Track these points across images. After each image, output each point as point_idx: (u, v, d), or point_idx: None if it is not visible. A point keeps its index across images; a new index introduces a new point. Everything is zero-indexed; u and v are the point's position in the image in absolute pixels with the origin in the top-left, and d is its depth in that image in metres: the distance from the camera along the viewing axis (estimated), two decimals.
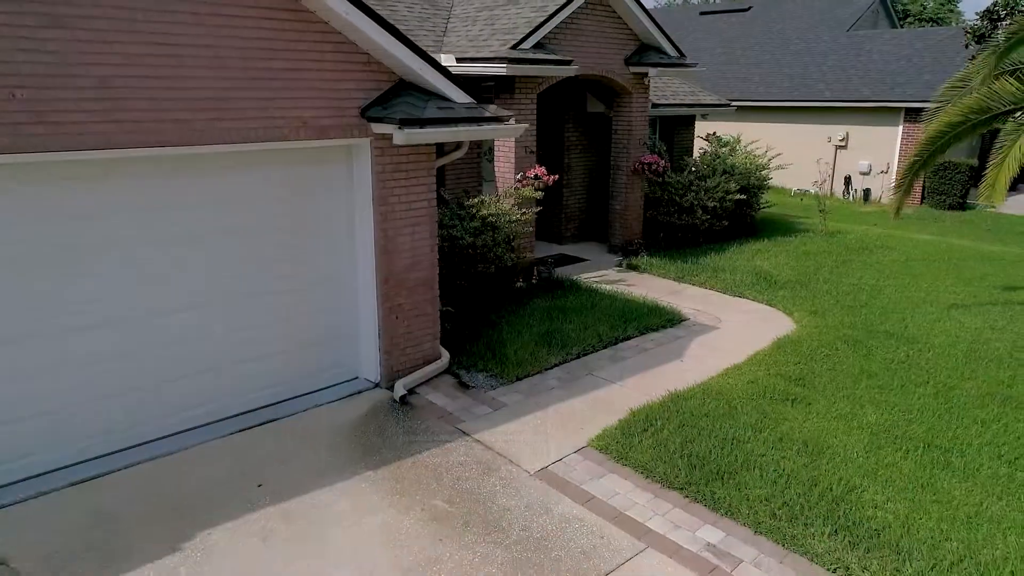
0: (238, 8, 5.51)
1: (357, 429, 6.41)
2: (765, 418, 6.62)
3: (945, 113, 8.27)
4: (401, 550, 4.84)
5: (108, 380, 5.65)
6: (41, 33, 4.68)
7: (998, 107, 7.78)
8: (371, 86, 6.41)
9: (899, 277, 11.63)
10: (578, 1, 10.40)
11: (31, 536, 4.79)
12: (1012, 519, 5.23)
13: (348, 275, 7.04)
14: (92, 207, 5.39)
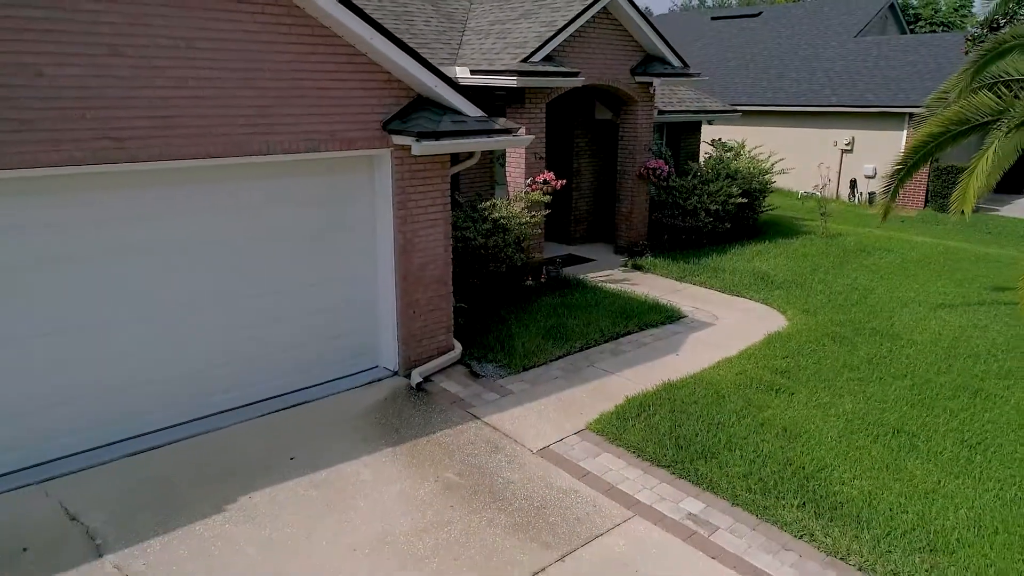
0: (273, 35, 6.20)
1: (377, 412, 7.09)
2: (749, 405, 7.23)
3: (927, 124, 8.81)
4: (417, 513, 5.51)
5: (160, 365, 6.37)
6: (106, 61, 5.39)
7: (976, 119, 8.30)
8: (391, 101, 7.09)
9: (893, 278, 12.15)
10: (586, 16, 11.03)
11: (97, 497, 5.51)
12: (965, 495, 5.81)
13: (370, 273, 7.73)
14: (148, 210, 6.10)
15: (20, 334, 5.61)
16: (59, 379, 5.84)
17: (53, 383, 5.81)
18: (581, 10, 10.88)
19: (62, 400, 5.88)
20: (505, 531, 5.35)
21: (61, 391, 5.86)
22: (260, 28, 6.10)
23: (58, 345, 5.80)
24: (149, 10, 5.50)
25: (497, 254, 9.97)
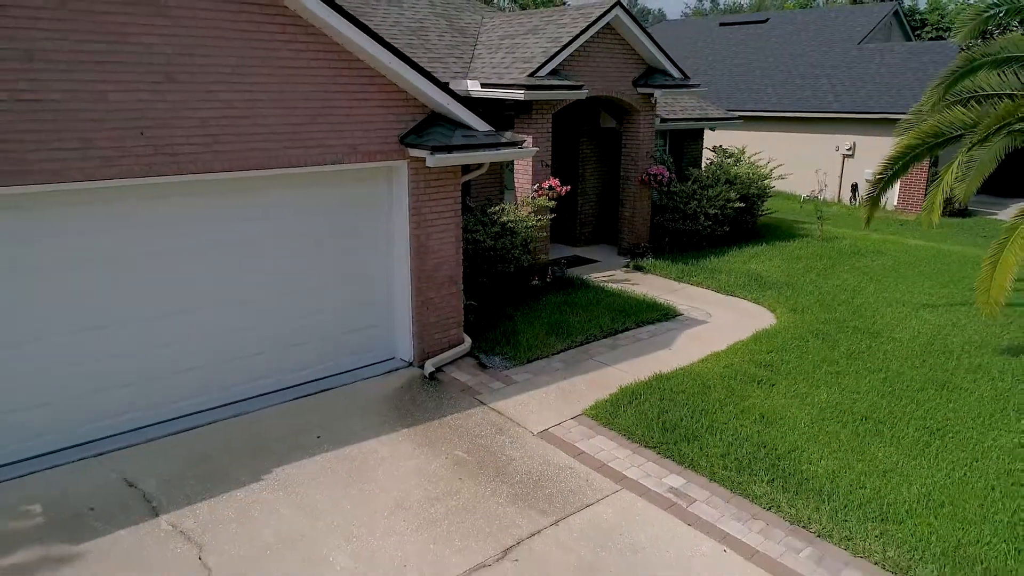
0: (305, 61, 6.96)
1: (394, 397, 7.85)
2: (732, 395, 7.93)
3: (906, 136, 9.44)
4: (430, 484, 6.26)
5: (200, 354, 7.15)
6: (161, 87, 6.17)
7: (949, 132, 8.92)
8: (408, 118, 7.85)
9: (882, 280, 12.77)
10: (590, 32, 11.74)
11: (148, 468, 6.30)
12: (919, 474, 6.48)
13: (387, 273, 8.49)
14: (192, 217, 6.88)
15: (78, 327, 6.41)
16: (114, 366, 6.64)
17: (109, 369, 6.61)
18: (585, 27, 11.59)
19: (116, 384, 6.68)
20: (507, 500, 6.09)
21: (116, 376, 6.66)
22: (293, 55, 6.87)
23: (112, 337, 6.59)
24: (198, 42, 6.27)
25: (505, 255, 10.70)
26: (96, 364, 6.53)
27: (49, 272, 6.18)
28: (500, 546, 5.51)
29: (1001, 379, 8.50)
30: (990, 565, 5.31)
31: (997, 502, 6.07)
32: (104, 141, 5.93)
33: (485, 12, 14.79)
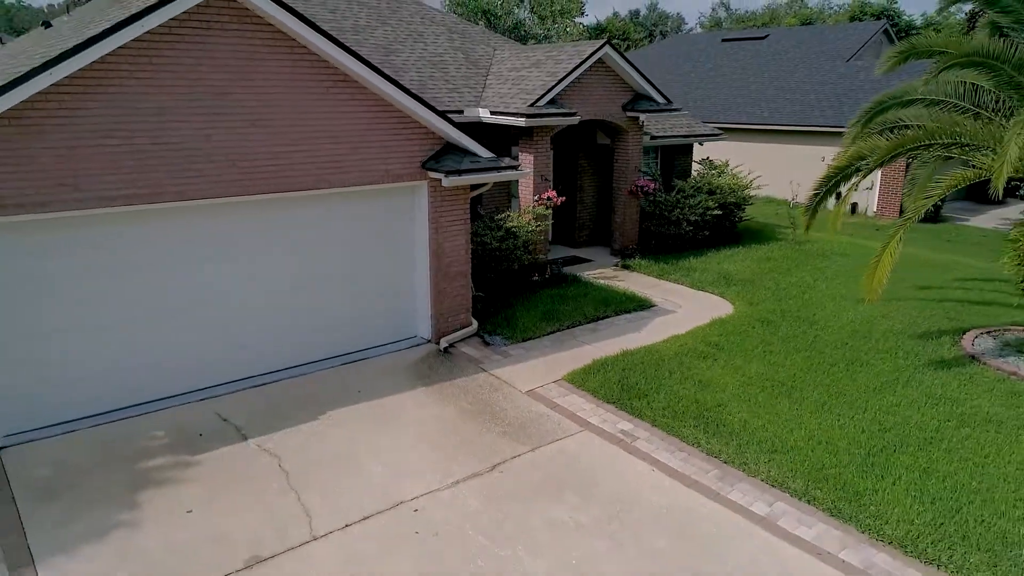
0: (349, 107, 9.20)
1: (416, 365, 10.08)
2: (680, 366, 10.04)
3: (835, 159, 11.42)
4: (442, 425, 8.47)
5: (268, 328, 9.42)
6: (247, 130, 8.44)
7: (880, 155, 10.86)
8: (428, 147, 10.06)
9: (836, 279, 14.75)
10: (583, 67, 13.87)
11: (236, 409, 8.58)
12: (810, 423, 8.56)
13: (411, 269, 10.71)
14: (263, 226, 9.15)
15: (188, 305, 8.71)
16: (209, 335, 8.93)
17: (206, 338, 8.90)
18: (578, 63, 13.73)
19: (210, 349, 8.97)
20: (498, 435, 8.28)
21: (209, 343, 8.95)
22: (341, 103, 9.11)
23: (211, 314, 8.88)
24: (272, 97, 8.54)
25: (508, 255, 12.87)
26: (197, 334, 8.83)
27: (179, 263, 8.49)
28: (490, 463, 7.71)
29: (903, 358, 10.53)
30: (839, 481, 7.40)
31: (861, 443, 8.14)
32: (210, 170, 8.22)
33: (497, 44, 16.95)
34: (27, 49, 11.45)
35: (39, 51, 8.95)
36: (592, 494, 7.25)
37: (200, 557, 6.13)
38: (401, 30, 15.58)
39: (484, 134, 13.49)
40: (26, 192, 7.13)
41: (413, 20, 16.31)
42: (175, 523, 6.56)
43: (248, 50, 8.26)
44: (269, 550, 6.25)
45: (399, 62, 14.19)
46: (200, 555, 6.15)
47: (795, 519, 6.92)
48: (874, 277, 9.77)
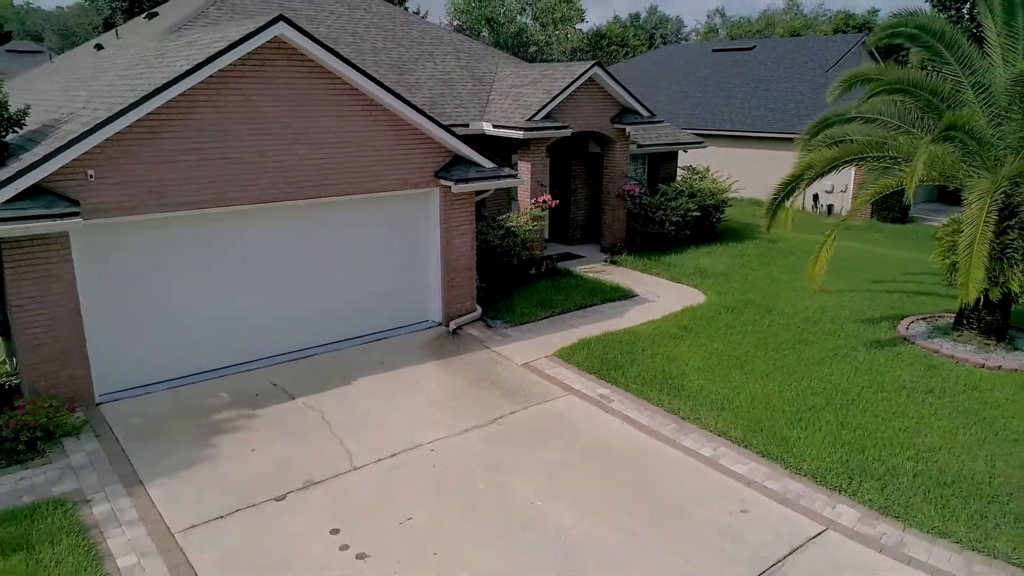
0: (374, 126, 11.04)
1: (428, 343, 11.93)
2: (652, 345, 11.88)
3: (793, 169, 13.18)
4: (450, 390, 10.32)
5: (308, 312, 11.27)
6: (293, 147, 10.30)
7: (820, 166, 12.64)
8: (440, 159, 11.89)
9: (799, 273, 16.48)
10: (575, 85, 15.69)
11: (283, 376, 10.44)
12: (754, 389, 10.37)
13: (424, 263, 12.54)
14: (305, 226, 11.00)
15: (244, 291, 10.56)
16: (259, 318, 10.78)
17: (259, 321, 10.75)
18: (570, 81, 15.55)
19: (259, 329, 10.82)
20: (498, 398, 10.12)
21: (257, 324, 10.80)
22: (368, 123, 10.96)
23: (258, 298, 10.74)
24: (312, 120, 10.39)
25: (508, 251, 14.70)
26: (250, 315, 10.68)
27: (237, 257, 10.35)
28: (490, 418, 9.56)
29: (844, 339, 12.35)
30: (771, 431, 9.21)
31: (794, 403, 9.95)
32: (264, 180, 10.08)
33: (498, 61, 18.77)
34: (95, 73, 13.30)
35: (116, 80, 10.81)
36: (573, 441, 9.08)
37: (267, 480, 7.98)
38: (413, 50, 17.42)
39: (487, 144, 15.37)
40: (123, 199, 8.99)
41: (424, 40, 18.15)
42: (244, 458, 8.42)
43: (294, 82, 10.10)
44: (320, 476, 8.10)
45: (412, 80, 16.03)
46: (266, 479, 8.00)
47: (733, 459, 8.75)
48: (814, 268, 11.57)
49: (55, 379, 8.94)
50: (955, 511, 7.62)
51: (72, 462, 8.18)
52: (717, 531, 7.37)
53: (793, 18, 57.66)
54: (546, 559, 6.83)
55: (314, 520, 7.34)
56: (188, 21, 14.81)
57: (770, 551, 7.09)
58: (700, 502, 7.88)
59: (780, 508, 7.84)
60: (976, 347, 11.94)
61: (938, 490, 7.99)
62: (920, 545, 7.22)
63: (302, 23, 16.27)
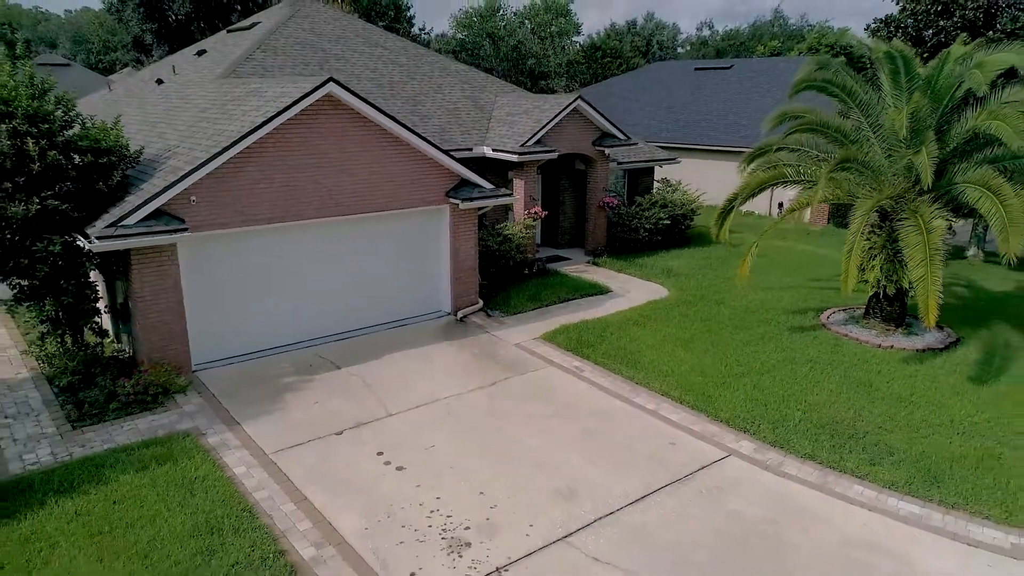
0: (400, 158, 14.07)
1: (440, 329, 14.99)
2: (619, 329, 14.92)
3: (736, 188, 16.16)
4: (459, 362, 13.38)
5: (346, 305, 14.31)
6: (338, 176, 13.34)
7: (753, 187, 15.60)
8: (449, 182, 14.93)
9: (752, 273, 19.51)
10: (561, 115, 18.72)
11: (330, 352, 13.49)
12: (694, 361, 13.40)
13: (437, 264, 15.58)
14: (337, 236, 14.05)
15: (301, 285, 13.61)
16: (307, 309, 13.83)
17: (306, 310, 13.81)
18: (557, 112, 18.59)
19: (308, 318, 13.87)
20: (496, 368, 13.16)
21: (307, 313, 13.85)
22: (395, 155, 14.00)
23: (307, 297, 13.79)
24: (352, 155, 13.43)
25: (505, 255, 17.72)
26: (305, 304, 13.74)
27: (298, 259, 13.40)
28: (490, 381, 12.61)
29: (774, 326, 15.37)
30: (701, 391, 12.24)
31: (722, 372, 12.98)
32: (316, 201, 13.13)
33: (497, 90, 21.78)
34: (170, 110, 16.34)
35: (196, 121, 13.85)
36: (552, 399, 12.13)
37: (327, 422, 11.03)
38: (425, 83, 20.45)
39: (488, 164, 18.42)
40: (215, 217, 12.04)
41: (433, 74, 21.17)
42: (308, 408, 11.47)
43: (339, 125, 13.15)
44: (365, 420, 11.15)
45: (424, 110, 19.07)
46: (327, 421, 11.05)
47: (670, 410, 11.79)
48: (741, 269, 14.61)
49: (165, 352, 11.99)
50: (823, 444, 10.66)
51: (185, 410, 11.25)
52: (651, 457, 10.41)
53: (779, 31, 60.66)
54: (526, 472, 9.88)
55: (364, 447, 10.39)
56: (239, 63, 17.87)
57: (685, 468, 10.13)
58: (642, 440, 10.92)
59: (698, 442, 10.89)
60: (878, 332, 14.98)
61: (814, 431, 11.03)
62: (794, 465, 10.26)
63: (332, 62, 19.38)
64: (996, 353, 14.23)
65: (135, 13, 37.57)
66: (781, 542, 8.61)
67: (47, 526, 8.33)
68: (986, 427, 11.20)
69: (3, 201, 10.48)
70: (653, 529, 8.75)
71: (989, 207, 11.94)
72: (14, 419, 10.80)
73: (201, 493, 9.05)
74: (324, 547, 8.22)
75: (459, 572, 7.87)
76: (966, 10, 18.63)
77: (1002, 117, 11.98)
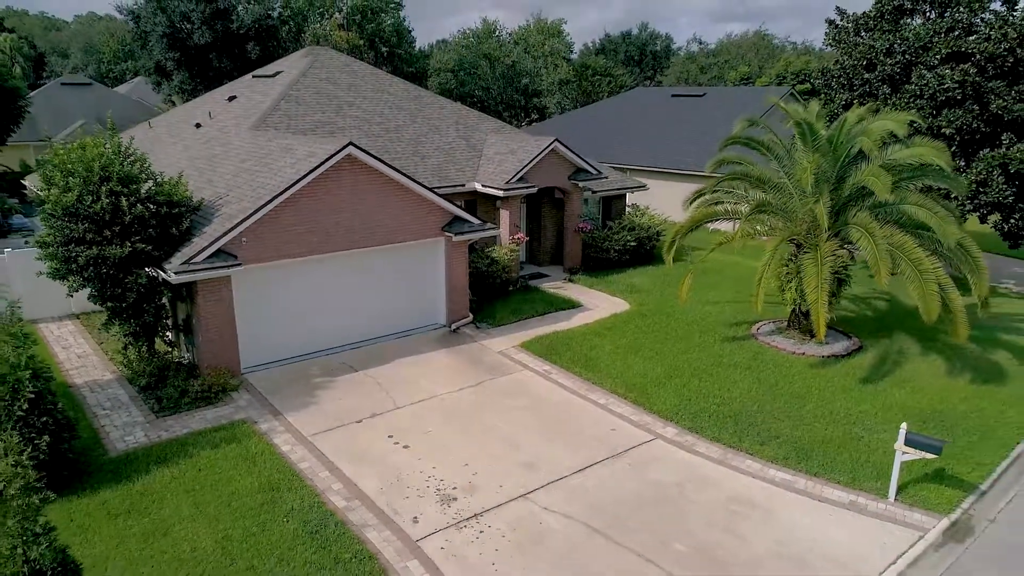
0: (403, 200, 17.40)
1: (438, 338, 18.34)
2: (583, 339, 18.25)
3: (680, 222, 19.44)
4: (453, 366, 16.72)
5: (360, 319, 17.64)
6: (355, 216, 16.67)
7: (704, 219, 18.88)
8: (443, 219, 18.26)
9: (704, 288, 22.87)
10: (540, 156, 22.03)
11: (349, 358, 16.83)
12: (641, 366, 16.73)
13: (434, 285, 18.90)
14: (351, 266, 17.38)
15: (326, 303, 16.95)
16: (329, 323, 17.17)
17: (330, 324, 17.15)
18: (536, 154, 21.92)
19: (331, 330, 17.21)
20: (482, 371, 16.50)
21: (330, 326, 17.19)
22: (399, 199, 17.33)
23: (329, 314, 17.13)
24: (366, 200, 16.76)
25: (493, 274, 21.04)
26: (329, 319, 17.07)
27: (323, 283, 16.74)
28: (476, 382, 15.95)
29: (711, 336, 18.69)
30: (642, 389, 15.57)
31: (660, 374, 16.31)
32: (337, 238, 16.47)
33: (488, 129, 25.10)
34: (213, 156, 19.68)
35: (239, 171, 17.17)
36: (524, 395, 15.45)
37: (349, 413, 14.35)
38: (424, 126, 23.77)
39: (480, 196, 21.75)
40: (260, 253, 15.37)
41: (432, 116, 24.50)
42: (335, 402, 14.79)
43: (356, 176, 16.47)
44: (378, 411, 14.48)
45: (424, 151, 22.40)
46: (349, 412, 14.38)
47: (616, 405, 15.11)
48: (681, 289, 17.95)
49: (220, 359, 15.31)
50: (727, 429, 14.00)
51: (239, 404, 14.59)
52: (596, 439, 13.73)
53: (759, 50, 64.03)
54: (499, 450, 13.21)
55: (378, 432, 13.72)
56: (268, 113, 21.19)
57: (620, 447, 13.45)
58: (591, 426, 14.25)
59: (634, 429, 14.22)
60: (796, 341, 18.31)
61: (723, 420, 14.37)
62: (703, 445, 13.60)
63: (346, 109, 22.72)
64: (888, 359, 17.59)
65: (159, 43, 40.82)
66: (682, 499, 11.94)
67: (154, 485, 11.68)
68: (857, 418, 14.55)
69: (104, 245, 13.81)
70: (590, 489, 12.08)
71: (865, 244, 15.26)
72: (111, 411, 14.16)
73: (260, 463, 12.39)
74: (352, 500, 11.55)
75: (448, 517, 11.20)
76: (885, 66, 21.94)
77: (876, 175, 15.29)
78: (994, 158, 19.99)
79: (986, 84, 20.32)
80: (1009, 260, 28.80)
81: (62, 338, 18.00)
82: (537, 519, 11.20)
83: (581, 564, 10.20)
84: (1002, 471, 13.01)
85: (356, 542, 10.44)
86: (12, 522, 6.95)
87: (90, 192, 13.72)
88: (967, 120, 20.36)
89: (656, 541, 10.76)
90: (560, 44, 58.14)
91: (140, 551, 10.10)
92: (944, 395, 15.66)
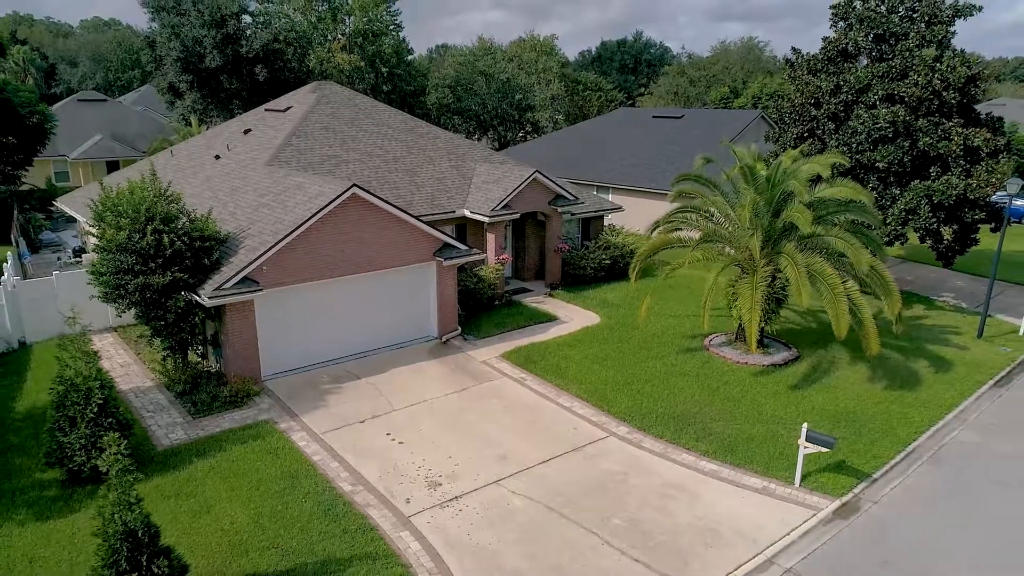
0: (399, 231, 20.13)
1: (430, 349, 21.09)
2: (556, 350, 20.99)
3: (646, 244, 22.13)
4: (442, 374, 19.48)
5: (359, 334, 20.39)
6: (358, 246, 19.43)
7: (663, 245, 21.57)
8: (435, 246, 21.00)
9: (671, 300, 25.57)
10: (522, 186, 24.77)
11: (352, 367, 19.58)
12: (604, 374, 19.45)
13: (427, 302, 21.64)
14: (352, 288, 20.13)
15: (333, 319, 19.71)
16: (332, 335, 19.92)
17: (333, 337, 19.90)
18: (519, 183, 24.65)
19: (334, 343, 19.96)
20: (467, 378, 19.25)
21: (332, 339, 19.94)
22: (398, 229, 20.06)
23: (333, 328, 19.88)
24: (367, 232, 19.51)
25: (480, 291, 23.78)
26: (336, 332, 19.82)
27: (331, 302, 19.51)
28: (462, 387, 18.71)
29: (668, 348, 21.42)
30: (603, 394, 18.30)
31: (620, 381, 19.03)
32: (343, 264, 19.22)
33: (477, 160, 27.84)
34: (233, 188, 22.43)
35: (258, 204, 19.93)
36: (503, 399, 18.19)
37: (354, 414, 17.10)
38: (420, 156, 26.52)
39: (470, 221, 24.51)
40: (277, 278, 18.11)
41: (426, 147, 27.24)
42: (342, 405, 17.53)
43: (358, 212, 19.22)
44: (378, 413, 17.22)
45: (419, 180, 25.14)
46: (354, 414, 17.12)
47: (580, 407, 17.85)
48: (641, 310, 20.70)
49: (244, 369, 18.06)
50: (670, 428, 16.74)
51: (261, 407, 17.35)
52: (559, 436, 16.47)
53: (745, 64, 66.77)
54: (478, 445, 15.95)
55: (378, 430, 16.47)
56: (281, 148, 23.93)
57: (579, 443, 16.20)
58: (557, 425, 16.99)
59: (592, 428, 16.97)
60: (742, 352, 21.03)
61: (668, 420, 17.11)
62: (649, 441, 16.34)
63: (349, 143, 25.49)
64: (820, 368, 20.34)
65: (173, 67, 43.60)
66: (625, 484, 14.68)
67: (196, 473, 14.44)
68: (782, 418, 17.29)
69: (149, 275, 16.57)
70: (551, 477, 14.82)
71: (790, 272, 18.00)
72: (154, 413, 16.93)
73: (282, 456, 15.15)
74: (356, 485, 14.30)
75: (434, 499, 13.94)
76: (830, 105, 24.69)
77: (800, 211, 18.03)
78: (919, 190, 22.72)
79: (915, 123, 23.04)
80: (952, 273, 31.55)
81: (104, 349, 20.77)
82: (506, 500, 13.94)
83: (538, 535, 12.95)
84: (894, 463, 15.75)
85: (360, 517, 13.18)
86: (113, 495, 9.68)
87: (137, 230, 16.47)
88: (898, 155, 23.08)
89: (599, 517, 13.50)
90: (552, 62, 60.84)
91: (190, 523, 12.86)
92: (860, 399, 18.40)
